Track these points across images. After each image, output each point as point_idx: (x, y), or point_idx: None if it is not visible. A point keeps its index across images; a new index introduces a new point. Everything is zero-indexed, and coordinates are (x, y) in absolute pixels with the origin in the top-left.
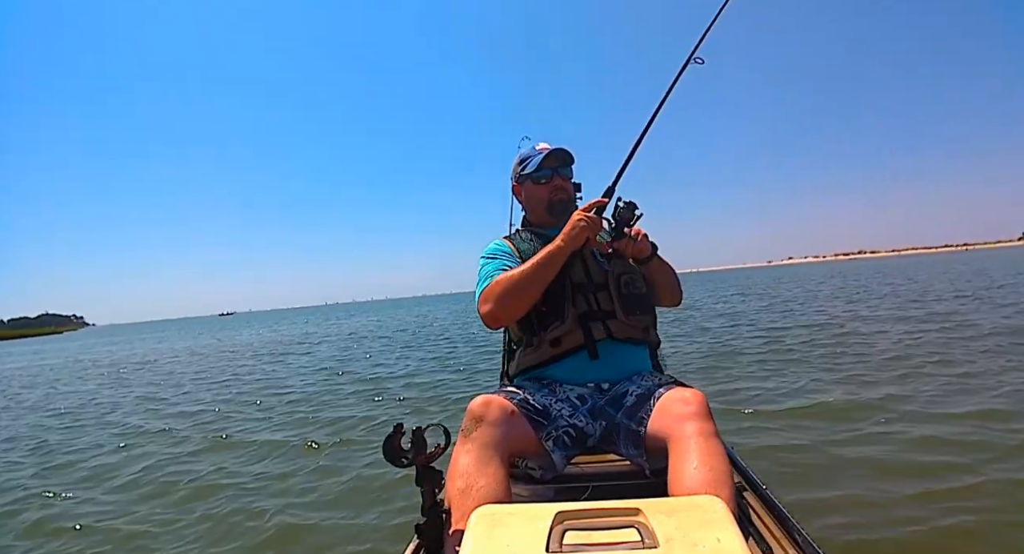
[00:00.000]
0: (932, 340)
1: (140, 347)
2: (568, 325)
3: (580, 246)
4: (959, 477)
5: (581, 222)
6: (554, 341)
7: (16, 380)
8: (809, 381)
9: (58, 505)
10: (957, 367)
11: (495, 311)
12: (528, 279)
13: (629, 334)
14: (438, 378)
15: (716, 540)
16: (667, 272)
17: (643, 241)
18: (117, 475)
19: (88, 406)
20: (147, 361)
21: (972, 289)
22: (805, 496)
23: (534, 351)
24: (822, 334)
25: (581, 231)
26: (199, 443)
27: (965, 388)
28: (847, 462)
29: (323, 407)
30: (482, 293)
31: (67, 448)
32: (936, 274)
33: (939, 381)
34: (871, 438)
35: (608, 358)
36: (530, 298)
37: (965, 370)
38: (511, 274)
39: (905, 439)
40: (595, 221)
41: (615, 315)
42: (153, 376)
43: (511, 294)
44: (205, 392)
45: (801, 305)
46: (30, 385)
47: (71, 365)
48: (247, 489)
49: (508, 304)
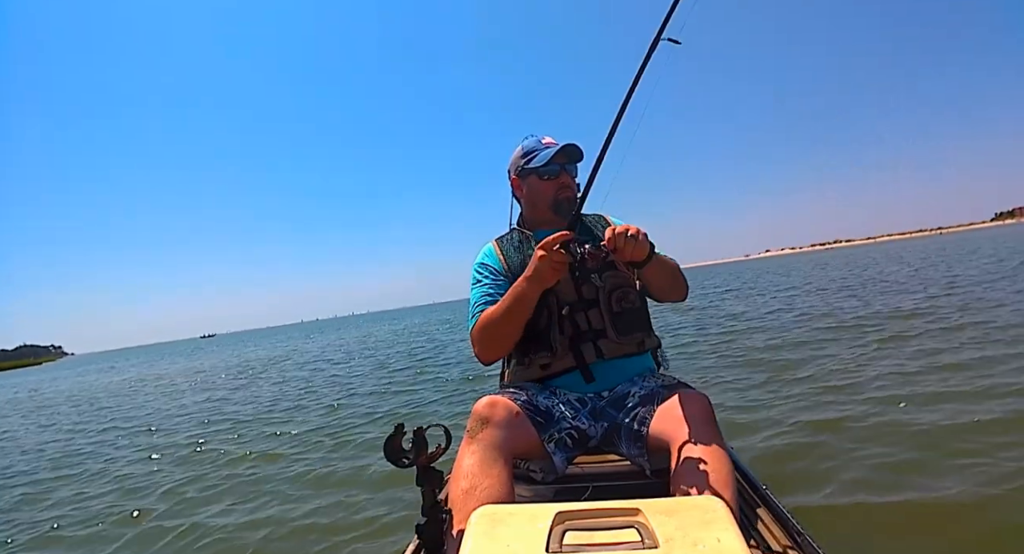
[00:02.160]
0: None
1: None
2: (558, 353)
3: (549, 286)
4: (961, 476)
5: (545, 262)
6: (543, 365)
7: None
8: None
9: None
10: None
11: (482, 354)
12: (503, 320)
13: (623, 351)
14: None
15: (716, 540)
16: (668, 272)
17: (643, 244)
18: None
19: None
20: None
21: (986, 269)
22: (805, 496)
23: (525, 370)
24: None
25: (546, 273)
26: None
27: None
28: (848, 462)
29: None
30: (471, 333)
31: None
32: (930, 257)
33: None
34: (872, 438)
35: (603, 372)
36: (511, 337)
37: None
38: (490, 314)
39: (909, 436)
40: (559, 259)
41: (606, 334)
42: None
43: (492, 337)
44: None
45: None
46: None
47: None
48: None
49: (492, 346)
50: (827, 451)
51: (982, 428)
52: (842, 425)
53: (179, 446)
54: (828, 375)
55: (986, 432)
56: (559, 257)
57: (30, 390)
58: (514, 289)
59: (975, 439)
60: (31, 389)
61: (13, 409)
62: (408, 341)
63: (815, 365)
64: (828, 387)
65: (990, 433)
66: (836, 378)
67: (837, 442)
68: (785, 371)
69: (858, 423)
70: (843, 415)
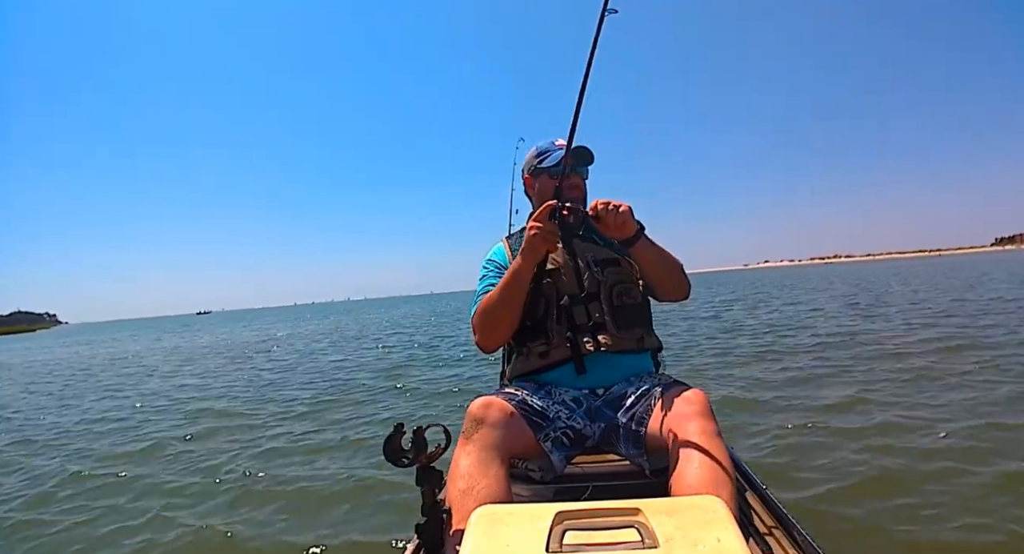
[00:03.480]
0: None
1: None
2: (554, 341)
3: (542, 257)
4: (962, 476)
5: (533, 233)
6: (542, 353)
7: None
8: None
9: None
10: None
11: (481, 340)
12: (499, 302)
13: (621, 346)
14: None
15: (716, 540)
16: (662, 259)
17: (625, 217)
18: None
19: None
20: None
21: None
22: (805, 496)
23: (526, 360)
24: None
25: (536, 243)
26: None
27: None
28: (848, 463)
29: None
30: (472, 321)
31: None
32: (945, 277)
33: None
34: (875, 437)
35: (600, 368)
36: (508, 320)
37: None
38: (489, 296)
39: (909, 439)
40: (549, 229)
41: (606, 327)
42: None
43: (489, 321)
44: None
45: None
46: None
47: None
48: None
49: (489, 330)
50: (828, 452)
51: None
52: (844, 426)
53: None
54: (838, 383)
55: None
56: (549, 226)
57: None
58: (510, 268)
59: (992, 451)
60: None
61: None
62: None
63: (824, 370)
64: (832, 390)
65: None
66: (844, 385)
67: (838, 443)
68: (787, 371)
69: (861, 426)
70: (846, 418)
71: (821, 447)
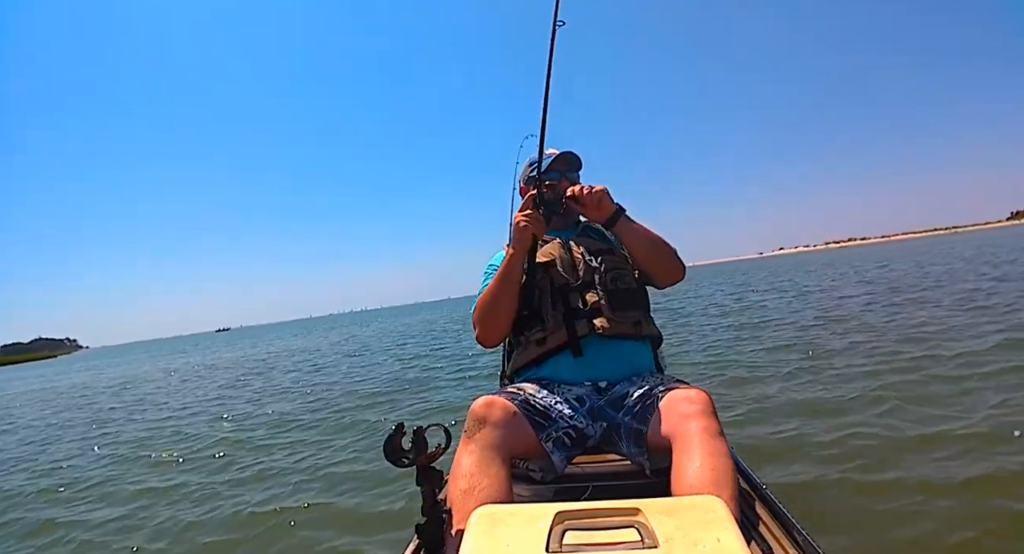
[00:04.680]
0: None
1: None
2: (550, 326)
3: (531, 243)
4: (963, 476)
5: (520, 222)
6: (539, 341)
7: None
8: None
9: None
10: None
11: (480, 335)
12: (495, 295)
13: (618, 330)
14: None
15: (716, 540)
16: (649, 240)
17: (600, 197)
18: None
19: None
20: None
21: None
22: (806, 496)
23: (524, 351)
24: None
25: (523, 231)
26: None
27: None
28: (848, 463)
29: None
30: (471, 318)
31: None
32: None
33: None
34: (876, 443)
35: (599, 356)
36: (504, 312)
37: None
38: (484, 293)
39: (909, 439)
40: (533, 216)
41: (601, 312)
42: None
43: (486, 314)
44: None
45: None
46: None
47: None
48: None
49: (487, 324)
50: (828, 452)
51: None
52: (845, 427)
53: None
54: (843, 380)
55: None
56: (534, 213)
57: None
58: (503, 259)
59: (996, 449)
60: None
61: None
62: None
63: (830, 367)
64: (834, 390)
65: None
66: (846, 382)
67: (839, 443)
68: (789, 371)
69: (863, 426)
70: (847, 418)
71: (822, 448)
